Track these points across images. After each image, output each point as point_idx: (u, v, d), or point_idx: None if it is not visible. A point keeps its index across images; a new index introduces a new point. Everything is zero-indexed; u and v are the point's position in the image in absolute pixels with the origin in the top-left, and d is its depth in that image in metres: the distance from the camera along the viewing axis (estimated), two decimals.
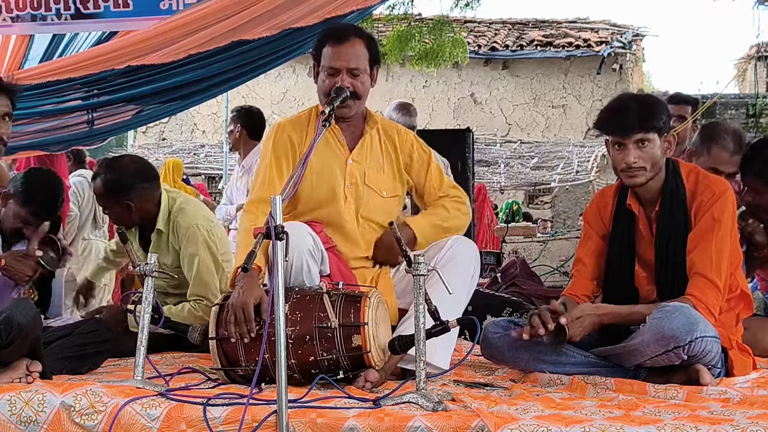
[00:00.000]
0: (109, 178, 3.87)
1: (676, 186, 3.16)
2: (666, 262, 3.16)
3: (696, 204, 3.13)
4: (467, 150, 6.23)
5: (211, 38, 4.27)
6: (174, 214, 3.93)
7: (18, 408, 2.60)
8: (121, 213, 3.88)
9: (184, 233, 3.88)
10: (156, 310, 2.99)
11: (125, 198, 3.84)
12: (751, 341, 3.31)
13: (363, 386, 2.86)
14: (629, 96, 3.31)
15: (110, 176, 3.87)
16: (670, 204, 3.16)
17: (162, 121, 16.32)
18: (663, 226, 3.17)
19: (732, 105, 16.73)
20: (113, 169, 3.92)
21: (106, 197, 3.89)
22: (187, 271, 3.87)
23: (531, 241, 7.13)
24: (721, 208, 3.09)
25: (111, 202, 3.89)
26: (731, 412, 2.49)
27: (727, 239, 3.09)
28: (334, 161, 3.32)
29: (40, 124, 4.77)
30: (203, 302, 3.80)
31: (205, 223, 3.93)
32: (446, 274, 2.90)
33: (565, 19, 17.97)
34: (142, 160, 4.13)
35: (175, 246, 3.92)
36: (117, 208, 3.89)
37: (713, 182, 3.17)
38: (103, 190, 3.89)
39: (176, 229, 3.90)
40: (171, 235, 3.92)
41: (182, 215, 3.91)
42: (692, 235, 3.11)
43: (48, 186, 3.99)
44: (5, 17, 4.59)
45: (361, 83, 3.27)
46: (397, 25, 11.88)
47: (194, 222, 3.89)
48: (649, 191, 3.19)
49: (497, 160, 15.73)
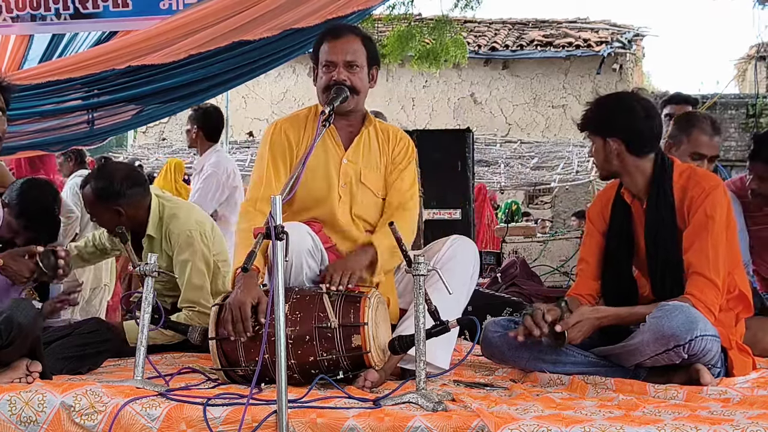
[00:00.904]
0: (98, 185, 3.84)
1: (662, 182, 3.19)
2: (656, 256, 3.18)
3: (687, 201, 3.15)
4: (467, 150, 6.21)
5: (212, 38, 4.27)
6: (166, 220, 3.92)
7: (18, 408, 2.60)
8: (111, 219, 3.85)
9: (176, 240, 3.87)
10: (156, 311, 2.99)
11: (114, 204, 3.82)
12: (751, 341, 3.32)
13: (363, 386, 2.86)
14: (600, 96, 3.42)
15: (99, 183, 3.84)
16: (656, 199, 3.19)
17: (162, 121, 16.31)
18: (651, 220, 3.20)
19: (732, 105, 16.74)
20: (102, 175, 3.90)
21: (96, 204, 3.86)
22: (180, 277, 3.87)
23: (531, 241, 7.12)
24: (713, 204, 3.10)
25: (101, 209, 3.86)
26: (731, 412, 2.49)
27: (722, 236, 3.10)
28: (330, 160, 3.32)
29: (40, 124, 4.77)
30: (195, 309, 3.80)
31: (198, 227, 3.93)
32: (446, 274, 2.90)
33: (565, 19, 17.97)
34: (129, 166, 4.13)
35: (168, 252, 3.91)
36: (107, 215, 3.86)
37: (704, 178, 3.18)
38: (92, 197, 3.86)
39: (168, 235, 3.90)
40: (164, 242, 3.91)
41: (175, 222, 3.91)
42: (686, 234, 3.12)
43: (42, 200, 3.99)
44: (5, 17, 4.60)
45: (358, 78, 3.27)
46: (397, 25, 11.88)
47: (186, 228, 3.89)
48: (633, 186, 3.25)
49: (497, 160, 15.72)
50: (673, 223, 3.15)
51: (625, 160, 3.21)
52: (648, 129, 3.18)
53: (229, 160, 6.40)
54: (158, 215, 3.92)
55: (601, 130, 3.24)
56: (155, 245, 3.92)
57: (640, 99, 3.28)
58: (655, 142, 3.23)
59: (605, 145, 3.22)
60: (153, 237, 3.91)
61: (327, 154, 3.31)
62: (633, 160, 3.20)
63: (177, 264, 3.87)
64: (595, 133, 3.25)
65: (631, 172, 3.23)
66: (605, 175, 3.30)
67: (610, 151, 3.21)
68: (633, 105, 3.21)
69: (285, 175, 3.25)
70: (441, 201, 6.08)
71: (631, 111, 3.19)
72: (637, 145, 3.19)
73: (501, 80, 16.86)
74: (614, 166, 3.23)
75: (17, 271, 3.12)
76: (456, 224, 5.99)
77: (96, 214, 3.92)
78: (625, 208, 3.29)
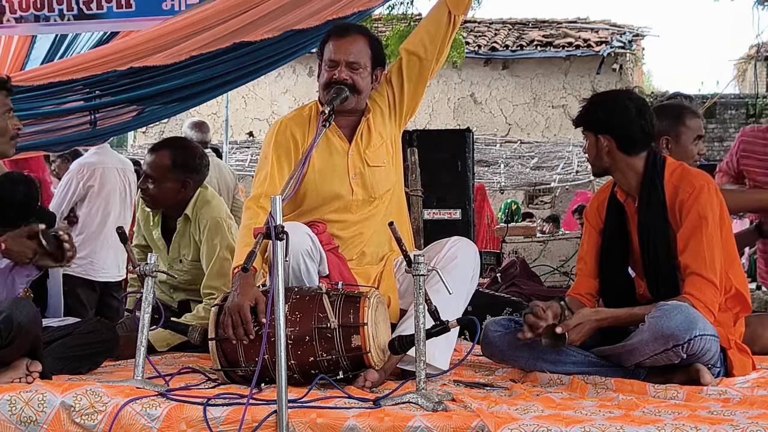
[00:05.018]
0: (179, 155, 3.93)
1: (653, 180, 3.20)
2: (649, 253, 3.20)
3: (679, 200, 3.15)
4: (467, 150, 6.21)
5: (214, 40, 4.28)
6: (199, 204, 3.97)
7: (18, 408, 2.60)
8: (172, 189, 3.92)
9: (206, 224, 3.91)
10: (156, 310, 2.99)
11: (187, 176, 3.91)
12: (751, 338, 3.32)
13: (363, 386, 2.87)
14: (595, 93, 3.52)
15: (181, 153, 3.94)
16: (648, 198, 3.20)
17: (162, 121, 16.30)
18: (642, 218, 3.22)
19: (732, 105, 16.74)
20: (184, 147, 4.02)
21: (169, 171, 3.91)
22: (206, 262, 3.89)
23: (531, 241, 7.14)
24: (705, 203, 3.11)
25: (170, 177, 3.92)
26: (731, 412, 2.49)
27: (717, 234, 3.11)
28: (336, 157, 3.33)
29: (43, 125, 4.77)
30: (215, 296, 3.79)
31: (228, 219, 3.98)
32: (446, 274, 2.91)
33: (565, 19, 17.96)
34: (201, 148, 4.21)
35: (195, 236, 3.95)
36: (171, 184, 3.92)
37: (695, 177, 3.19)
38: (167, 164, 3.92)
39: (198, 219, 3.94)
40: (192, 225, 3.96)
41: (207, 207, 3.96)
42: (681, 235, 3.13)
43: (17, 195, 3.99)
44: (9, 18, 4.60)
45: (361, 78, 3.27)
46: (397, 25, 11.88)
47: (218, 215, 3.94)
48: (626, 184, 3.27)
49: (497, 160, 15.73)
50: (665, 222, 3.17)
51: (616, 157, 3.24)
52: (639, 127, 3.20)
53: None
54: (195, 199, 3.99)
55: (593, 126, 3.27)
56: (187, 228, 3.97)
57: (634, 97, 3.31)
58: (646, 141, 3.24)
59: (597, 142, 3.26)
60: (189, 219, 3.96)
61: (333, 152, 3.33)
62: (624, 158, 3.23)
63: (205, 248, 3.90)
64: (588, 129, 3.30)
65: (622, 170, 3.25)
66: (597, 171, 3.35)
67: (602, 148, 3.25)
68: (625, 103, 3.24)
69: (289, 174, 3.25)
70: (441, 201, 6.08)
71: (623, 109, 3.22)
72: (627, 142, 3.21)
73: (501, 80, 16.85)
74: (605, 162, 3.27)
75: (20, 251, 3.11)
76: (456, 224, 5.99)
77: (160, 180, 3.94)
78: (619, 207, 3.31)
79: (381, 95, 3.43)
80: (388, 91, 3.43)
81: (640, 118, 3.21)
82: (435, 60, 3.43)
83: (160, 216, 4.07)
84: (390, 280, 3.30)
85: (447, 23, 3.41)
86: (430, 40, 3.40)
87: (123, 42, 4.55)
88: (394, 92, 3.43)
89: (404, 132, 3.72)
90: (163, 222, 4.07)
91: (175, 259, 4.03)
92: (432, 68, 3.44)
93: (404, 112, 3.47)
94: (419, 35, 3.43)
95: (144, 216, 4.14)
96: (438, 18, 3.41)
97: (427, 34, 3.41)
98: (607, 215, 3.35)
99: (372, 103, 3.40)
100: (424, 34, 3.42)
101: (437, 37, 3.40)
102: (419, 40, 3.42)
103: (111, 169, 5.92)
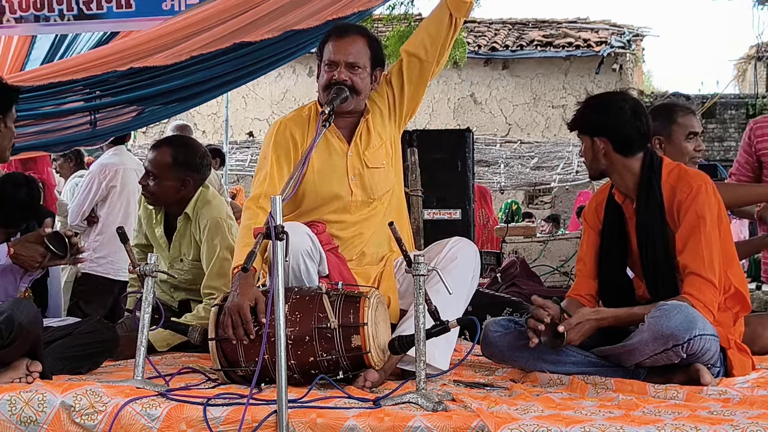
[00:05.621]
0: (180, 152, 3.94)
1: (650, 181, 3.20)
2: (647, 254, 3.20)
3: (676, 201, 3.16)
4: (467, 150, 6.20)
5: (214, 40, 4.28)
6: (199, 204, 3.98)
7: (18, 408, 2.60)
8: (172, 187, 3.92)
9: (206, 224, 3.91)
10: (156, 310, 2.99)
11: (187, 174, 3.92)
12: (751, 337, 3.32)
13: (363, 386, 2.87)
14: (590, 96, 3.50)
15: (182, 151, 3.95)
16: (645, 199, 3.20)
17: (162, 122, 16.29)
18: (641, 219, 3.22)
19: (732, 105, 16.74)
20: (186, 145, 4.03)
21: (170, 168, 3.92)
22: (206, 262, 3.89)
23: (531, 241, 7.12)
24: (702, 203, 3.11)
25: (171, 175, 3.92)
26: (731, 412, 2.49)
27: (715, 234, 3.11)
28: (336, 157, 3.33)
29: (43, 125, 4.77)
30: (215, 297, 3.80)
31: (228, 219, 3.98)
32: (446, 274, 2.91)
33: (565, 19, 17.97)
34: (204, 148, 4.23)
35: (195, 236, 3.95)
36: (172, 182, 3.93)
37: (692, 177, 3.19)
38: (169, 161, 3.92)
39: (198, 219, 3.94)
40: (193, 224, 3.97)
41: (208, 207, 3.96)
42: (679, 236, 3.13)
43: (19, 196, 3.99)
44: (9, 18, 4.60)
45: (360, 78, 3.28)
46: (397, 25, 11.89)
47: (219, 215, 3.94)
48: (623, 186, 3.27)
49: (497, 160, 15.74)
50: (663, 223, 3.17)
51: (613, 159, 3.23)
52: (634, 128, 3.20)
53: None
54: (195, 198, 3.99)
55: (588, 129, 3.27)
56: (188, 227, 3.97)
57: (629, 99, 3.30)
58: (642, 142, 3.24)
59: (593, 145, 3.25)
60: (189, 218, 3.96)
61: (332, 153, 3.33)
62: (620, 159, 3.23)
63: (206, 248, 3.90)
64: (584, 132, 3.29)
65: (619, 172, 3.25)
66: (594, 174, 3.34)
67: (598, 151, 3.24)
68: (620, 104, 3.24)
69: (288, 174, 3.25)
70: (441, 201, 6.08)
71: (618, 110, 3.21)
72: (623, 144, 3.21)
73: (501, 80, 16.85)
74: (602, 165, 3.26)
75: (29, 257, 3.14)
76: (456, 224, 5.99)
77: (162, 177, 3.95)
78: (617, 208, 3.31)
79: (381, 96, 3.43)
80: (388, 92, 3.44)
81: (635, 119, 3.20)
82: (435, 62, 3.43)
83: (163, 214, 4.08)
84: (390, 280, 3.30)
85: (448, 25, 3.41)
86: (431, 41, 3.40)
87: (123, 42, 4.55)
88: (394, 93, 3.43)
89: (404, 132, 3.72)
90: (165, 220, 4.07)
91: (176, 258, 4.04)
92: (432, 70, 3.44)
93: (404, 114, 3.47)
94: (420, 37, 3.43)
95: (147, 214, 4.15)
96: (439, 20, 3.41)
97: (427, 36, 3.41)
98: (605, 216, 3.35)
99: (371, 104, 3.40)
100: (425, 35, 3.42)
101: (438, 39, 3.40)
102: (420, 41, 3.42)
103: (130, 170, 6.02)
